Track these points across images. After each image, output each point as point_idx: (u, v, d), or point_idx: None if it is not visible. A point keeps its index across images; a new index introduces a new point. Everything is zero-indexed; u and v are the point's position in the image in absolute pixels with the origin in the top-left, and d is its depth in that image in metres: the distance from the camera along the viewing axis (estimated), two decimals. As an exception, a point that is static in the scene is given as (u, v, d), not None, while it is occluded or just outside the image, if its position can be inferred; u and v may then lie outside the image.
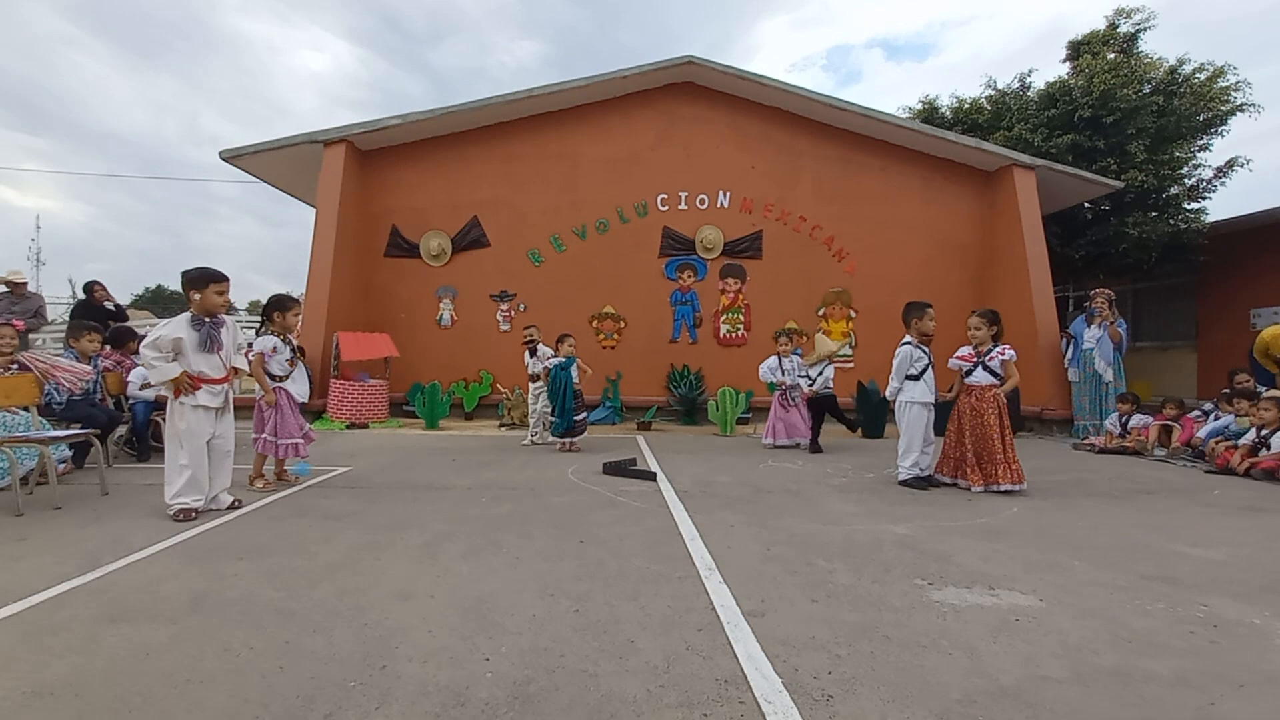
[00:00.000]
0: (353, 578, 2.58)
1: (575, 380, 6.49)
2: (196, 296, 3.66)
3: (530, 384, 7.13)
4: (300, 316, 4.59)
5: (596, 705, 1.65)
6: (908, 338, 4.91)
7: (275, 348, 4.38)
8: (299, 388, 4.54)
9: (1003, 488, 4.47)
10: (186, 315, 3.68)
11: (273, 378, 4.39)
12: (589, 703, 1.65)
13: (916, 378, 4.84)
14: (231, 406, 3.88)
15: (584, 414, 6.64)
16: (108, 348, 5.85)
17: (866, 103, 13.27)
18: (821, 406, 6.81)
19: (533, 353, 7.03)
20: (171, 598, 2.35)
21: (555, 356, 6.57)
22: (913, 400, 4.81)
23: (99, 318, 7.40)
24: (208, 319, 3.68)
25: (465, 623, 2.14)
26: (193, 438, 3.59)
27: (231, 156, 9.57)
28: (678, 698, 1.68)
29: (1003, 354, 4.68)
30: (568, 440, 6.42)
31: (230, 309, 3.99)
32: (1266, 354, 7.30)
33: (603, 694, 1.70)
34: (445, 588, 2.48)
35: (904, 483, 4.74)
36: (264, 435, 4.37)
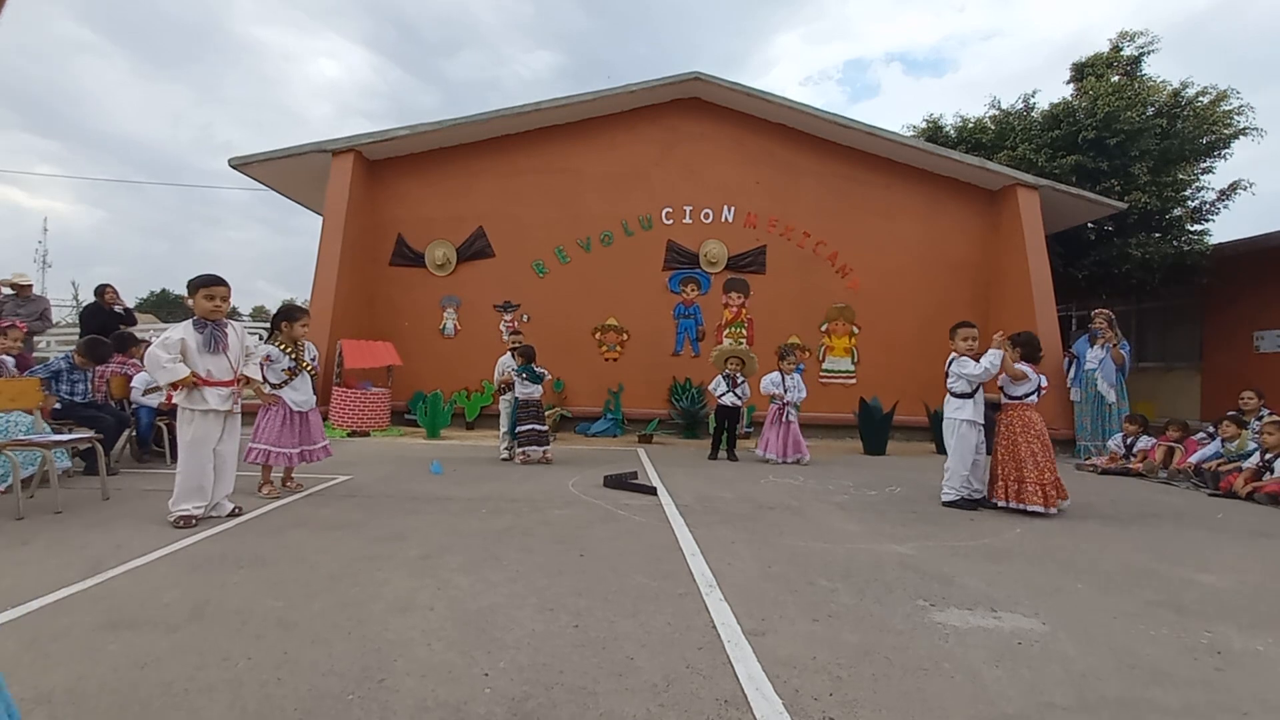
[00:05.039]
0: (352, 589, 2.57)
1: (515, 389, 6.33)
2: (190, 302, 3.79)
3: (505, 392, 6.67)
4: (308, 327, 4.63)
5: (596, 724, 1.64)
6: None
7: (269, 356, 4.35)
8: (295, 396, 4.48)
9: (1011, 505, 4.51)
10: (191, 320, 3.76)
11: (272, 386, 4.40)
12: (588, 721, 1.64)
13: (969, 395, 4.75)
14: (239, 413, 3.89)
15: (529, 425, 6.24)
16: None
17: (882, 118, 13.39)
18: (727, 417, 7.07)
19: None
20: (172, 606, 2.34)
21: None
22: (961, 418, 4.71)
23: (108, 321, 7.43)
24: (209, 322, 3.73)
25: (464, 637, 2.13)
26: (198, 445, 3.61)
27: (241, 164, 9.65)
28: (677, 718, 1.67)
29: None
30: (525, 451, 6.22)
31: (234, 314, 4.03)
32: None
33: (601, 712, 1.69)
34: (444, 601, 2.47)
35: (948, 504, 4.64)
36: (250, 441, 4.34)
